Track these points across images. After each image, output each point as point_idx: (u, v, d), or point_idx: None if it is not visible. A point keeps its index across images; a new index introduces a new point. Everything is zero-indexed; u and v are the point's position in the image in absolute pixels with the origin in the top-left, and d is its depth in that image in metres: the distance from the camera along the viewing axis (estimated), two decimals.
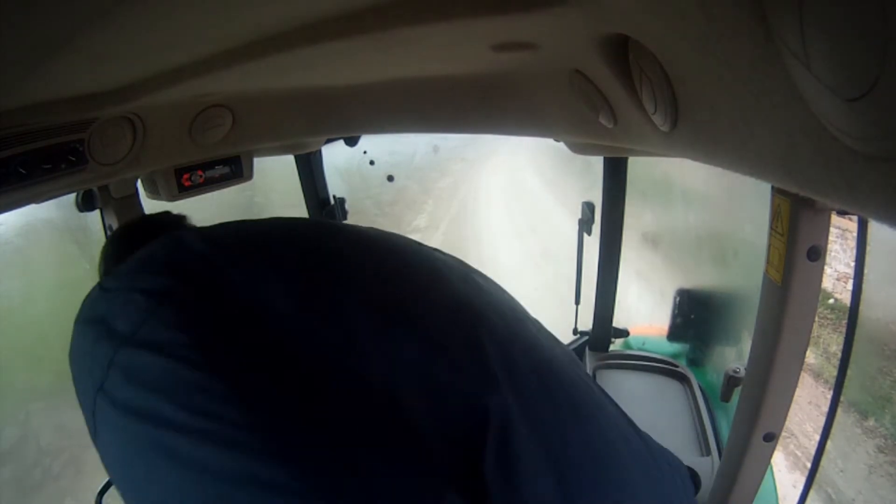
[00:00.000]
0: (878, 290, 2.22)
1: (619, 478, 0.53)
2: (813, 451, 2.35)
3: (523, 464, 0.45)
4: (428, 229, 8.39)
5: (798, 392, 1.15)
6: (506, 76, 1.02)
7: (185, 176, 1.15)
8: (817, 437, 2.39)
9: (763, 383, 1.10)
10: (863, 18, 0.21)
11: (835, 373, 2.36)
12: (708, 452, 1.52)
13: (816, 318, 1.06)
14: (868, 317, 2.26)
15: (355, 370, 0.45)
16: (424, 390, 0.46)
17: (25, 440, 3.86)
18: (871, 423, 2.32)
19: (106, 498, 1.26)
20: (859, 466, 2.30)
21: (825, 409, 2.40)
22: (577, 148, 1.26)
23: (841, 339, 2.24)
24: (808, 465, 2.33)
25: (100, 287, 0.58)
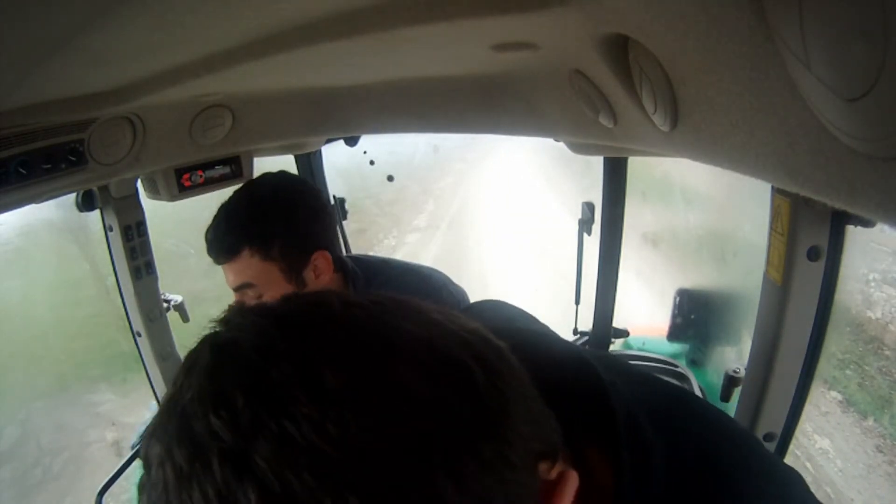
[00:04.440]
0: (879, 290, 2.22)
1: None
2: (812, 452, 2.36)
3: None
4: (428, 229, 8.40)
5: None
6: (506, 76, 1.03)
7: (185, 176, 1.15)
8: (817, 437, 2.40)
9: (763, 383, 1.10)
10: (863, 19, 0.21)
11: (834, 372, 2.38)
12: None
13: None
14: (868, 317, 2.26)
15: None
16: None
17: (26, 439, 3.86)
18: (869, 422, 2.33)
19: (106, 497, 1.26)
20: (858, 466, 2.30)
21: (825, 408, 2.41)
22: (577, 148, 1.26)
23: (841, 339, 2.25)
24: (808, 464, 2.34)
25: None
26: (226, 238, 0.92)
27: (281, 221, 0.94)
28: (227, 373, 0.25)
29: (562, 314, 1.97)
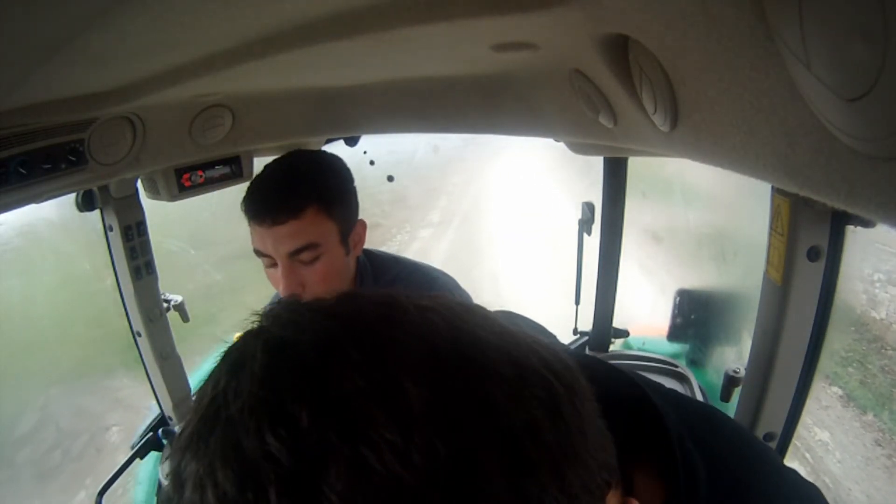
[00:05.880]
0: (884, 290, 2.23)
1: None
2: (812, 443, 2.38)
3: None
4: (441, 224, 8.45)
5: None
6: (506, 76, 1.03)
7: (186, 176, 1.15)
8: (817, 430, 2.42)
9: (763, 383, 1.10)
10: (863, 19, 0.21)
11: (836, 368, 2.39)
12: None
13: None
14: (872, 317, 2.28)
15: None
16: None
17: (45, 423, 3.94)
18: (869, 417, 2.35)
19: (106, 497, 1.26)
20: (856, 458, 2.32)
21: (825, 402, 2.43)
22: (577, 148, 1.26)
23: (844, 338, 2.27)
24: (808, 455, 2.36)
25: None
26: (290, 197, 0.88)
27: (341, 183, 0.95)
28: (285, 381, 0.21)
29: (571, 312, 1.98)
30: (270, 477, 0.19)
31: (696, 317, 2.09)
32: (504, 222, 8.30)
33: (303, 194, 0.89)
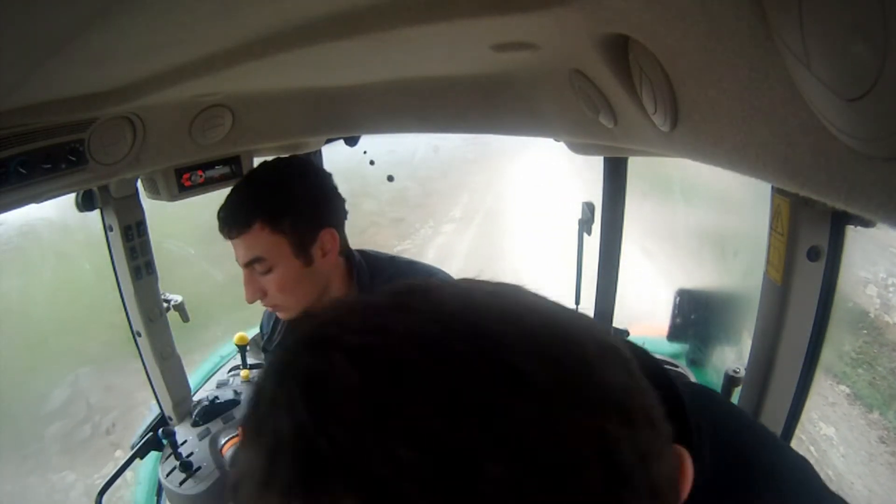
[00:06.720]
0: None
1: None
2: (817, 437, 2.39)
3: None
4: (463, 220, 8.48)
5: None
6: (506, 76, 1.03)
7: (186, 176, 1.15)
8: (823, 425, 2.45)
9: (763, 383, 1.10)
10: (863, 19, 0.21)
11: (845, 368, 2.42)
12: None
13: (832, 319, 1.06)
14: (885, 321, 2.30)
15: None
16: None
17: (75, 399, 4.13)
18: (875, 415, 2.37)
19: (106, 497, 1.26)
20: (860, 454, 2.35)
21: (832, 399, 2.45)
22: (577, 148, 1.26)
23: (856, 340, 2.29)
24: (812, 448, 2.38)
25: None
26: (238, 212, 0.94)
27: (290, 196, 0.96)
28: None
29: (582, 308, 1.99)
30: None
31: (696, 317, 2.09)
32: (525, 219, 8.33)
33: (247, 211, 0.94)
